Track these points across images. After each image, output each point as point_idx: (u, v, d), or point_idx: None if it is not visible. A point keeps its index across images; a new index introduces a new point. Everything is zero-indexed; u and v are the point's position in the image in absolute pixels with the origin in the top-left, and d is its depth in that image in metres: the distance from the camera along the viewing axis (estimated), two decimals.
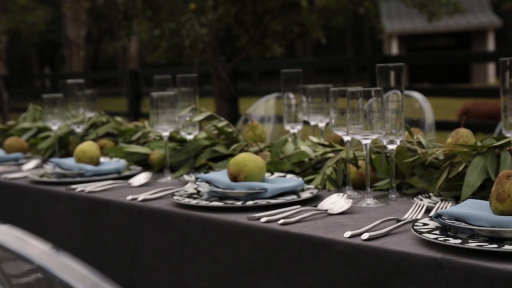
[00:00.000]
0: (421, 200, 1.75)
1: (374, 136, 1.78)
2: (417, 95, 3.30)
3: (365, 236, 1.44)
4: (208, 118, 2.42)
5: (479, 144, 1.77)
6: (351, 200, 1.74)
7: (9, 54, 24.61)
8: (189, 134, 2.37)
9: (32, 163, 2.77)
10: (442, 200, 1.73)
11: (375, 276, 1.39)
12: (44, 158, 3.00)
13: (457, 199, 1.73)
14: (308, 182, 2.10)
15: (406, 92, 3.43)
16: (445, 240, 1.32)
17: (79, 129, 2.90)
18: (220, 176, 1.97)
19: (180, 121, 2.36)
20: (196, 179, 1.98)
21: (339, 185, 2.01)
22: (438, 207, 1.63)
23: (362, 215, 1.68)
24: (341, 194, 1.78)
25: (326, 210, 1.72)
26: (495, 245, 1.27)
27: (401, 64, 1.85)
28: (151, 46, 12.18)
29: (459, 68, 23.26)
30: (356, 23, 26.68)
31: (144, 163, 2.64)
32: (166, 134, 2.36)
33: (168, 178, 2.34)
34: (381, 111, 1.77)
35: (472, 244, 1.28)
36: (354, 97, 1.76)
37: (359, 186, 2.04)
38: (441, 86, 20.35)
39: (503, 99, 1.91)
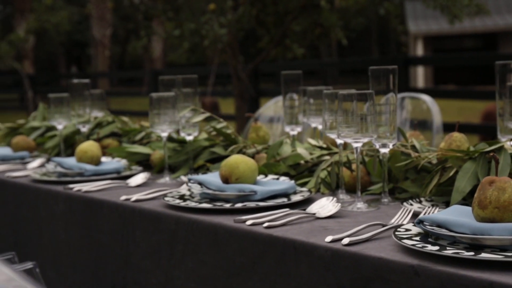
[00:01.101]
0: (411, 205, 1.72)
1: (365, 140, 1.77)
2: (425, 97, 3.26)
3: (345, 241, 1.42)
4: (208, 119, 2.42)
5: (472, 149, 1.75)
6: (339, 204, 1.73)
7: (36, 54, 24.89)
8: (189, 135, 2.37)
9: (37, 162, 2.79)
10: (433, 205, 1.71)
11: (354, 282, 1.37)
12: (50, 157, 3.02)
13: (448, 204, 1.71)
14: (303, 185, 2.09)
15: (415, 94, 3.40)
16: (422, 247, 1.31)
17: (84, 129, 2.91)
18: (212, 177, 1.96)
19: (179, 121, 2.36)
20: (189, 180, 1.98)
21: (333, 188, 2.00)
22: (426, 212, 1.61)
23: (349, 219, 1.66)
24: (331, 198, 1.77)
25: (314, 214, 1.70)
26: (472, 253, 1.25)
27: (394, 67, 1.83)
28: (175, 46, 12.23)
29: (485, 70, 23.02)
30: (382, 24, 26.53)
31: (146, 163, 2.65)
32: (165, 134, 2.36)
33: (166, 178, 2.34)
34: (373, 114, 1.75)
35: (449, 252, 1.26)
36: (345, 100, 1.75)
37: (353, 189, 2.02)
38: (466, 88, 20.17)
39: (500, 103, 1.88)
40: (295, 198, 1.86)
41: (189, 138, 2.37)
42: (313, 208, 1.74)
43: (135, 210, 1.93)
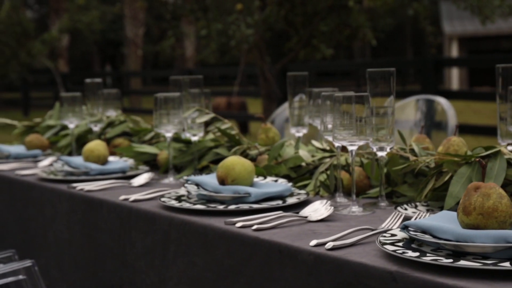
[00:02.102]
0: (405, 209, 1.70)
1: (361, 143, 1.75)
2: (441, 99, 3.22)
3: (329, 245, 1.41)
4: (212, 120, 2.42)
5: (469, 153, 1.72)
6: (332, 208, 1.71)
7: (71, 52, 25.18)
8: (194, 135, 2.37)
9: (48, 161, 2.82)
10: (428, 210, 1.69)
11: (336, 287, 1.35)
12: (64, 155, 3.04)
13: (443, 209, 1.68)
14: (303, 187, 2.07)
15: (431, 96, 3.36)
16: (403, 253, 1.28)
17: (96, 128, 2.93)
18: (209, 179, 1.96)
19: (184, 122, 2.36)
20: (186, 181, 1.98)
21: (332, 191, 1.98)
22: (417, 217, 1.58)
23: (340, 223, 1.64)
24: (325, 201, 1.75)
25: (306, 217, 1.69)
26: (451, 260, 1.22)
27: (392, 69, 1.80)
28: (205, 46, 12.25)
29: None
30: (416, 25, 26.30)
31: (153, 163, 2.65)
32: (169, 135, 2.36)
33: (170, 179, 2.35)
34: (368, 117, 1.73)
35: (428, 258, 1.24)
36: (341, 102, 1.73)
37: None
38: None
39: (502, 107, 1.85)
40: (291, 200, 1.85)
41: (194, 138, 2.37)
42: (306, 211, 1.73)
43: (132, 210, 1.94)
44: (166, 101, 2.34)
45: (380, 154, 1.82)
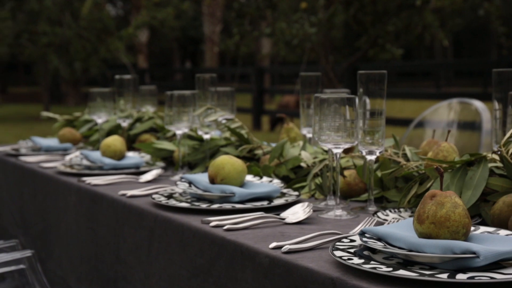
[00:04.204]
0: (386, 215, 1.66)
1: (346, 146, 1.72)
2: (477, 102, 3.13)
3: (284, 248, 1.39)
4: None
5: (456, 159, 1.66)
6: (311, 211, 1.69)
7: (151, 49, 25.72)
8: (206, 133, 2.38)
9: (73, 154, 2.89)
10: (411, 216, 1.64)
11: None
12: (94, 149, 3.12)
13: None
14: (301, 188, 2.05)
15: (466, 100, 3.26)
16: (348, 259, 1.26)
17: (124, 123, 2.99)
18: (203, 177, 1.97)
19: (195, 120, 2.38)
20: (181, 178, 1.99)
21: (325, 193, 1.95)
22: (389, 223, 1.55)
23: (315, 227, 1.62)
24: (306, 203, 1.73)
25: (284, 219, 1.67)
26: (390, 269, 1.19)
27: (383, 72, 1.76)
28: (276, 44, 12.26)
29: None
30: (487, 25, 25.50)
31: (170, 159, 2.68)
32: (179, 132, 2.39)
33: (179, 176, 2.37)
34: (354, 119, 1.70)
35: (368, 266, 1.21)
36: (325, 104, 1.70)
37: (348, 195, 1.97)
38: None
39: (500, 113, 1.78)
40: (278, 202, 1.84)
41: (206, 136, 2.38)
42: (286, 213, 1.71)
43: (126, 206, 1.97)
44: (178, 98, 2.37)
45: (369, 158, 1.78)
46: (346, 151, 2.22)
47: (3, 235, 3.07)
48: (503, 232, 1.37)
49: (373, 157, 1.78)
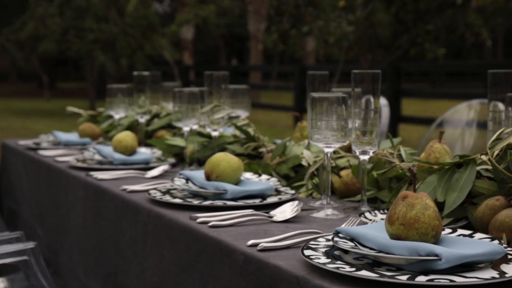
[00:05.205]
0: (375, 215, 1.65)
1: (337, 145, 1.71)
2: (500, 104, 3.07)
3: (260, 246, 1.40)
4: (230, 116, 2.43)
5: (448, 161, 1.64)
6: (298, 210, 1.69)
7: (197, 46, 25.87)
8: (214, 130, 2.40)
9: (90, 149, 2.94)
10: None
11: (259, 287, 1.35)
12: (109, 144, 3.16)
13: None
14: (300, 187, 2.05)
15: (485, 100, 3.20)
16: (315, 259, 1.26)
17: (142, 119, 3.02)
18: (200, 174, 1.99)
19: (203, 117, 2.40)
20: (179, 175, 2.01)
21: (322, 192, 1.95)
22: (372, 223, 1.53)
23: (300, 225, 1.62)
24: (296, 202, 1.73)
25: (271, 217, 1.68)
26: (353, 269, 1.19)
27: (378, 72, 1.75)
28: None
29: None
30: None
31: (182, 156, 2.71)
32: (187, 129, 2.41)
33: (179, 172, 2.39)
34: (345, 119, 1.69)
35: (331, 266, 1.21)
36: (317, 103, 1.70)
37: (345, 195, 1.96)
38: None
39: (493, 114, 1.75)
40: (271, 200, 1.84)
41: (215, 133, 2.40)
42: (276, 211, 1.72)
43: (124, 201, 2.00)
44: (186, 95, 2.39)
45: (362, 157, 1.77)
46: (350, 150, 2.21)
47: (23, 227, 3.14)
48: (478, 235, 1.35)
49: (366, 157, 1.77)
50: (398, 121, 11.34)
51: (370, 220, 1.60)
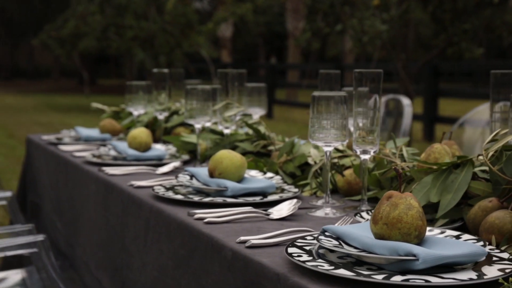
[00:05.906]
0: (369, 214, 1.64)
1: (336, 144, 1.71)
2: None
3: (248, 243, 1.41)
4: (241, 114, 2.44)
5: (447, 161, 1.63)
6: (296, 208, 1.69)
7: (235, 44, 25.96)
8: (227, 128, 2.41)
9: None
10: None
11: (244, 284, 1.35)
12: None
13: None
14: (306, 186, 2.05)
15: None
16: (297, 256, 1.26)
17: (161, 116, 3.05)
18: (205, 170, 2.00)
19: (214, 114, 2.41)
20: (184, 171, 2.03)
21: (325, 191, 1.94)
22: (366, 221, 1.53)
23: (295, 223, 1.62)
24: (294, 200, 1.73)
25: (269, 215, 1.68)
26: (332, 267, 1.19)
27: (379, 71, 1.74)
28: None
29: None
30: None
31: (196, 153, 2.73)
32: (198, 126, 2.43)
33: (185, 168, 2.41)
34: (345, 118, 1.69)
35: (310, 264, 1.21)
36: (318, 102, 1.70)
37: (348, 194, 1.96)
38: None
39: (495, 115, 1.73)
40: (272, 197, 1.85)
41: (227, 131, 2.41)
42: (273, 209, 1.72)
43: (130, 196, 2.02)
44: (195, 93, 2.40)
45: (363, 157, 1.77)
46: None
47: (45, 220, 3.20)
48: (465, 237, 1.33)
49: (367, 157, 1.76)
50: (435, 121, 11.22)
51: (365, 219, 1.59)
